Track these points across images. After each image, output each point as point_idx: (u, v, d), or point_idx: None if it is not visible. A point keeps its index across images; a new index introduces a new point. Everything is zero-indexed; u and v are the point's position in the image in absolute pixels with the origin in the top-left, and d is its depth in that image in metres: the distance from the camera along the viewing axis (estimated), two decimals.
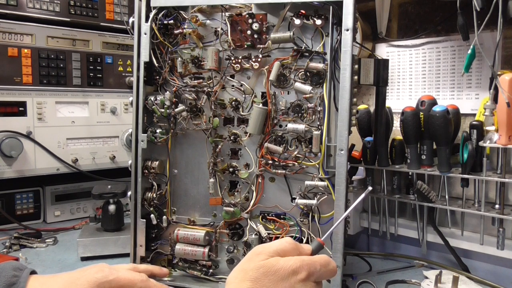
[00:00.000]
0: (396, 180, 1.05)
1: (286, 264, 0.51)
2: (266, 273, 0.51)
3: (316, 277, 0.53)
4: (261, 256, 0.53)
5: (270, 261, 0.52)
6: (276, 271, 0.51)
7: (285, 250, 0.55)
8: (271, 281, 0.50)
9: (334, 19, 0.80)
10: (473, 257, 0.99)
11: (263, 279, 0.50)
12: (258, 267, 0.51)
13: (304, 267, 0.52)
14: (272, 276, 0.50)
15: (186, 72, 0.92)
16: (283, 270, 0.51)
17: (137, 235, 0.94)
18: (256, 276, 0.51)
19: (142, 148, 0.92)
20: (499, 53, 0.95)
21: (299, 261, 0.52)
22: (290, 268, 0.51)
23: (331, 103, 0.82)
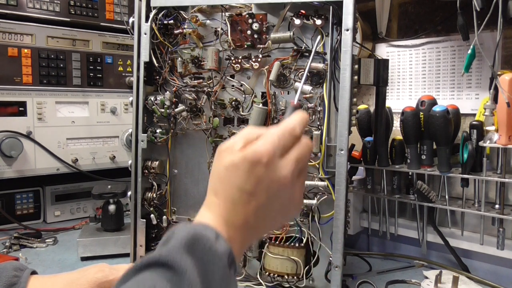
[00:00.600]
0: (396, 180, 1.05)
1: (243, 155, 0.47)
2: (235, 168, 0.47)
3: (280, 150, 0.49)
4: (228, 152, 0.49)
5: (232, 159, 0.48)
6: (238, 165, 0.47)
7: (249, 138, 0.50)
8: (235, 179, 0.48)
9: (334, 19, 0.80)
10: (473, 257, 0.99)
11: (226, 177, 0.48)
12: (227, 166, 0.48)
13: (259, 151, 0.47)
14: (237, 171, 0.48)
15: (186, 72, 0.92)
16: (244, 162, 0.47)
17: (137, 235, 0.94)
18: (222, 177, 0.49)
19: (142, 148, 0.92)
20: (499, 53, 0.95)
21: (253, 148, 0.48)
22: (248, 158, 0.47)
23: (331, 103, 0.82)
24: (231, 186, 0.48)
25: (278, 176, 0.49)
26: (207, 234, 0.43)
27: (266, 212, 0.50)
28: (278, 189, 0.49)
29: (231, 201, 0.48)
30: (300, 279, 0.85)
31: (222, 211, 0.48)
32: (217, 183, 0.50)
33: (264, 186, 0.48)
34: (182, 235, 0.42)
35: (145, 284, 0.38)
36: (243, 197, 0.48)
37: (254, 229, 0.50)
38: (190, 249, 0.41)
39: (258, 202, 0.48)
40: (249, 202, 0.48)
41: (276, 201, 0.50)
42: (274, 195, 0.49)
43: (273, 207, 0.50)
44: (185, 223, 0.46)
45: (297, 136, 0.51)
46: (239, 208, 0.48)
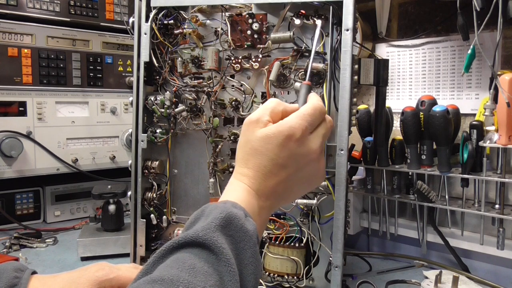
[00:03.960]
0: (396, 180, 1.05)
1: (278, 129, 0.51)
2: (268, 141, 0.51)
3: (310, 127, 0.53)
4: (259, 124, 0.52)
5: (270, 129, 0.52)
6: (272, 138, 0.51)
7: (275, 111, 0.54)
8: (272, 147, 0.51)
9: (334, 19, 0.80)
10: (473, 257, 0.99)
11: (266, 148, 0.51)
12: (260, 138, 0.51)
13: (294, 126, 0.52)
14: (270, 144, 0.51)
15: (186, 72, 0.92)
16: (278, 135, 0.51)
17: (137, 235, 0.94)
18: (257, 147, 0.51)
19: (142, 148, 0.92)
20: (499, 53, 0.95)
21: (287, 123, 0.52)
22: (283, 132, 0.51)
23: (331, 103, 0.82)
24: (264, 158, 0.51)
25: (308, 150, 0.53)
26: (238, 214, 0.45)
27: (294, 183, 0.53)
28: (307, 162, 0.53)
29: (263, 172, 0.51)
30: (300, 279, 0.85)
31: (253, 181, 0.51)
32: (248, 154, 0.52)
33: (295, 159, 0.52)
34: (215, 215, 0.44)
35: (185, 263, 0.39)
36: (275, 169, 0.51)
37: (282, 198, 0.54)
38: (224, 229, 0.43)
39: (288, 173, 0.52)
40: (280, 174, 0.51)
41: (304, 173, 0.54)
42: (303, 167, 0.53)
43: (301, 178, 0.54)
44: (215, 204, 0.47)
45: (324, 113, 0.56)
46: (270, 179, 0.51)
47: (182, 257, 0.40)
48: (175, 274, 0.37)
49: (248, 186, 0.50)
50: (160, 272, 0.38)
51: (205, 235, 0.41)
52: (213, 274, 0.39)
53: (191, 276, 0.37)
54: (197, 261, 0.39)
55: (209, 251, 0.41)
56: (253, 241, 0.45)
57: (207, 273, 0.39)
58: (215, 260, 0.40)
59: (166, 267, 0.39)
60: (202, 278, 0.38)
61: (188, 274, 0.37)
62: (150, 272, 0.39)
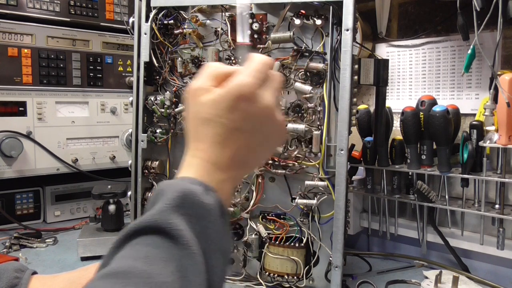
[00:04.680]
0: (396, 180, 1.05)
1: (227, 91, 0.46)
2: (217, 106, 0.46)
3: (260, 82, 0.48)
4: (203, 91, 0.47)
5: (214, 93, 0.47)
6: (222, 102, 0.46)
7: (217, 74, 0.48)
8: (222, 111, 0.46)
9: (334, 19, 0.80)
10: (473, 257, 0.99)
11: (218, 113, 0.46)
12: (207, 105, 0.46)
13: (243, 84, 0.46)
14: (221, 110, 0.46)
15: (186, 72, 0.92)
16: (228, 97, 0.46)
17: None
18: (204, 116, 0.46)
19: (142, 148, 0.92)
20: (499, 53, 0.95)
21: (235, 82, 0.47)
22: (233, 93, 0.46)
23: (331, 103, 0.82)
24: (215, 125, 0.46)
25: (261, 107, 0.48)
26: (195, 189, 0.42)
27: (254, 145, 0.49)
28: (263, 120, 0.48)
29: (218, 141, 0.46)
30: (300, 279, 0.85)
31: (209, 154, 0.46)
32: (198, 127, 0.48)
33: (250, 119, 0.47)
34: (169, 195, 0.41)
35: (139, 251, 0.37)
36: (230, 135, 0.46)
37: (244, 165, 0.49)
38: (180, 208, 0.40)
39: (245, 136, 0.47)
40: (237, 138, 0.47)
41: (262, 133, 0.49)
42: (260, 127, 0.48)
43: (260, 139, 0.49)
44: (171, 181, 0.44)
45: (271, 65, 0.51)
46: (227, 147, 0.46)
47: (137, 245, 0.37)
48: (129, 264, 0.35)
49: (204, 159, 0.46)
50: (115, 264, 0.36)
51: (159, 218, 0.38)
52: (170, 260, 0.37)
53: (146, 265, 0.35)
54: (152, 248, 0.37)
55: (165, 235, 0.38)
56: (215, 216, 0.42)
57: (164, 259, 0.36)
58: (172, 245, 0.38)
59: (121, 258, 0.37)
60: (158, 266, 0.35)
61: (143, 263, 0.35)
62: (107, 264, 0.37)
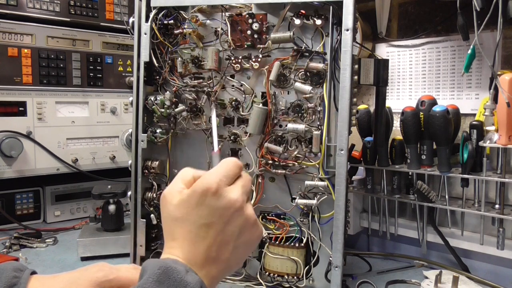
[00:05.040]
0: (396, 180, 1.05)
1: (192, 190, 0.49)
2: (186, 205, 0.48)
3: (226, 179, 0.50)
4: (174, 194, 0.50)
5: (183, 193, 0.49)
6: (188, 202, 0.48)
7: (186, 178, 0.51)
8: (188, 210, 0.48)
9: (334, 19, 0.80)
10: (473, 257, 0.99)
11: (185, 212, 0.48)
12: (177, 205, 0.48)
13: (207, 182, 0.48)
14: (188, 208, 0.48)
15: (186, 72, 0.92)
16: (193, 196, 0.48)
17: (137, 235, 0.94)
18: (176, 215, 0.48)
19: (142, 148, 0.92)
20: (499, 53, 0.95)
21: (200, 181, 0.49)
22: (197, 191, 0.48)
23: (331, 103, 0.82)
24: (186, 223, 0.48)
25: (229, 201, 0.49)
26: (177, 267, 0.43)
27: (227, 242, 0.50)
28: (232, 214, 0.49)
29: (190, 239, 0.48)
30: (300, 279, 0.85)
31: (181, 251, 0.48)
32: (171, 227, 0.49)
33: (218, 214, 0.48)
34: (152, 271, 0.42)
35: None
36: (201, 231, 0.48)
37: (219, 261, 0.50)
38: (161, 284, 0.41)
39: (216, 233, 0.48)
40: (208, 235, 0.48)
41: (232, 228, 0.50)
42: (230, 221, 0.49)
43: (231, 235, 0.50)
44: (154, 259, 0.45)
45: (240, 167, 0.53)
46: (199, 244, 0.48)
47: None
48: None
49: (178, 258, 0.47)
50: None
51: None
52: None
53: None
54: None
55: None
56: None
57: None
58: None
59: None
60: None
61: None
62: None
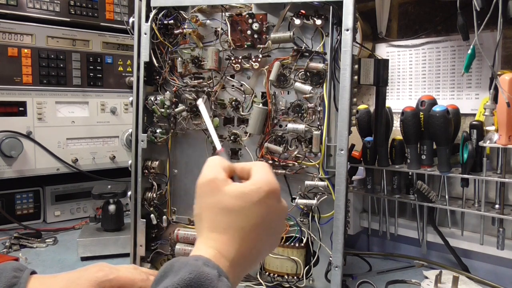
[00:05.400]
0: (396, 180, 1.05)
1: (256, 187, 0.48)
2: (245, 199, 0.47)
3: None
4: (221, 182, 0.49)
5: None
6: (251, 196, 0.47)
7: (225, 167, 0.51)
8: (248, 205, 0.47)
9: (334, 19, 0.80)
10: (473, 257, 0.99)
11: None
12: (234, 196, 0.47)
13: (273, 183, 0.48)
14: (248, 200, 0.47)
15: (186, 72, 0.92)
16: (258, 193, 0.47)
17: (137, 235, 0.94)
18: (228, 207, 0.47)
19: (142, 148, 0.92)
20: (499, 53, 0.95)
21: (265, 179, 0.49)
22: (263, 189, 0.47)
23: (331, 103, 0.82)
24: (239, 217, 0.47)
25: (283, 207, 0.49)
26: (210, 274, 0.41)
27: (264, 242, 0.49)
28: (279, 220, 0.50)
29: (239, 235, 0.46)
30: (300, 279, 0.85)
31: (227, 247, 0.46)
32: (219, 215, 0.48)
33: (271, 217, 0.48)
34: (183, 275, 0.40)
35: None
36: (252, 229, 0.47)
37: (250, 264, 0.49)
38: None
39: (263, 233, 0.48)
40: (256, 235, 0.47)
41: (273, 231, 0.50)
42: (276, 226, 0.50)
43: (270, 237, 0.50)
44: (185, 260, 0.43)
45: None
46: (245, 243, 0.47)
47: None
48: None
49: (220, 252, 0.45)
50: None
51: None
52: None
53: None
54: None
55: None
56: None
57: None
58: None
59: None
60: None
61: None
62: None
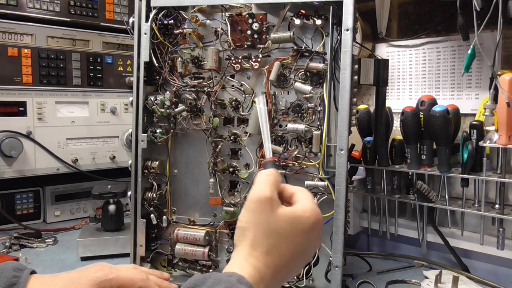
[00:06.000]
0: (396, 180, 1.05)
1: (312, 214, 0.49)
2: (295, 225, 0.49)
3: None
4: (274, 203, 0.50)
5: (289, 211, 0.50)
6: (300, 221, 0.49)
7: (273, 182, 0.53)
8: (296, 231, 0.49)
9: (334, 19, 0.80)
10: (473, 257, 0.99)
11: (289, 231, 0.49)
12: (284, 220, 0.48)
13: (319, 212, 0.51)
14: (297, 227, 0.49)
15: (186, 72, 0.92)
16: (310, 220, 0.49)
17: (137, 235, 0.94)
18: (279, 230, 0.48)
19: (142, 148, 0.92)
20: (499, 53, 0.95)
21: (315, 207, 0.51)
22: (316, 217, 0.49)
23: (331, 103, 0.82)
24: (284, 243, 0.47)
25: (319, 237, 0.52)
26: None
27: (295, 268, 0.51)
28: (313, 250, 0.53)
29: (280, 260, 0.47)
30: (300, 279, 0.85)
31: (264, 269, 0.46)
32: (264, 235, 0.48)
33: (310, 246, 0.51)
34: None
35: None
36: (291, 256, 0.48)
37: (279, 283, 0.50)
38: None
39: (298, 260, 0.50)
40: (293, 263, 0.49)
41: (305, 260, 0.53)
42: (310, 255, 0.53)
43: (301, 264, 0.52)
44: (219, 275, 0.43)
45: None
46: (283, 268, 0.48)
47: None
48: None
49: (258, 272, 0.46)
50: None
51: None
52: None
53: None
54: None
55: None
56: None
57: None
58: None
59: None
60: None
61: None
62: None
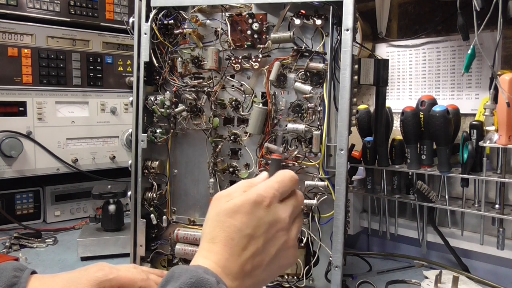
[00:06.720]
0: (396, 180, 1.05)
1: (246, 198, 0.49)
2: (236, 211, 0.49)
3: (280, 195, 0.51)
4: (228, 198, 0.51)
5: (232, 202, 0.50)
6: (240, 208, 0.49)
7: (245, 187, 0.52)
8: (242, 218, 0.48)
9: (334, 19, 0.80)
10: (473, 257, 0.99)
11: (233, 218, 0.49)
12: (227, 209, 0.49)
13: (262, 194, 0.50)
14: (238, 214, 0.49)
15: (186, 72, 0.92)
16: (245, 204, 0.49)
17: (137, 235, 0.94)
18: (223, 220, 0.49)
19: (142, 148, 0.92)
20: (499, 53, 0.95)
21: (255, 190, 0.50)
22: (250, 200, 0.49)
23: (331, 103, 0.82)
24: (231, 229, 0.48)
25: (277, 218, 0.50)
26: (209, 279, 0.42)
27: (263, 257, 0.50)
28: (276, 232, 0.50)
29: (230, 246, 0.48)
30: (300, 279, 0.85)
31: (219, 257, 0.47)
32: (215, 229, 0.49)
33: (264, 229, 0.49)
34: (184, 280, 0.41)
35: None
36: (243, 241, 0.48)
37: (251, 278, 0.49)
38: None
39: (256, 246, 0.49)
40: (248, 247, 0.48)
41: (272, 246, 0.50)
42: (272, 238, 0.50)
43: (269, 252, 0.50)
44: (185, 267, 0.44)
45: (296, 182, 0.53)
46: (237, 254, 0.48)
47: None
48: None
49: (214, 263, 0.47)
50: None
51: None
52: None
53: None
54: None
55: None
56: None
57: None
58: None
59: None
60: None
61: None
62: None
